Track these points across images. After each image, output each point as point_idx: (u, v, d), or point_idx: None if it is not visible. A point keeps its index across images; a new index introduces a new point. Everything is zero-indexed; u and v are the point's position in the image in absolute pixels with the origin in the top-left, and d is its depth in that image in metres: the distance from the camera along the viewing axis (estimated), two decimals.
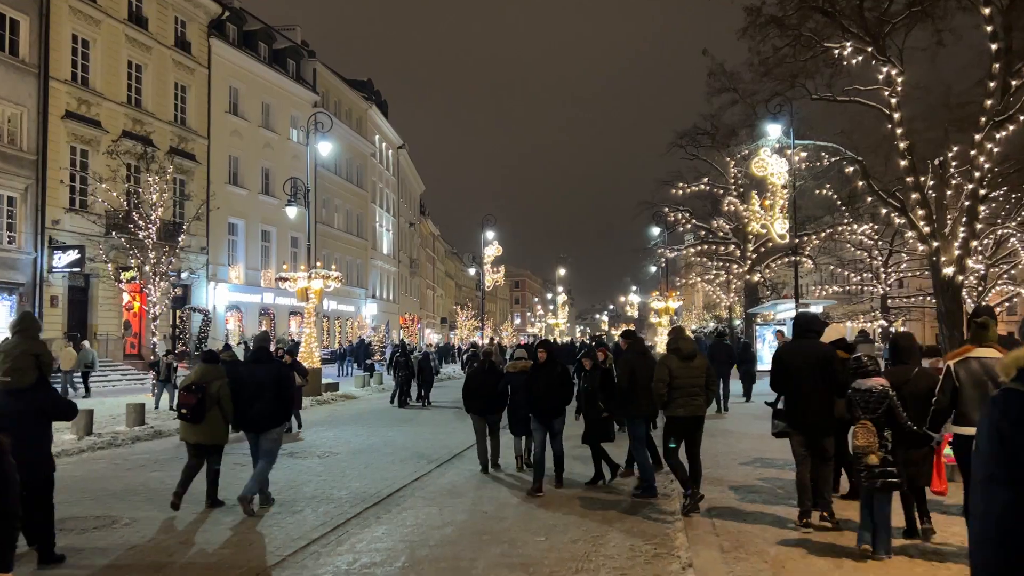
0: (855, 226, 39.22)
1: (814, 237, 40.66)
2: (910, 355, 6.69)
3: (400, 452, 12.61)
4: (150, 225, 26.07)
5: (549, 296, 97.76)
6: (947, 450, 6.65)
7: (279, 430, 8.31)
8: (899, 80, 20.00)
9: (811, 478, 7.00)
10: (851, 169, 21.47)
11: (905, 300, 50.81)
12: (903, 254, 46.57)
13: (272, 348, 12.06)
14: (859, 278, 48.37)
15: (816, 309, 22.18)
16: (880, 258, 45.35)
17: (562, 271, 69.60)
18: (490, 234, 41.24)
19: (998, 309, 40.39)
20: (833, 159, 21.33)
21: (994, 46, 19.14)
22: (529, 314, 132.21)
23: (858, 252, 47.31)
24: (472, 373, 11.47)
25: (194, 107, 36.13)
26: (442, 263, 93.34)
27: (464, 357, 29.34)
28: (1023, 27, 19.63)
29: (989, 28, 19.15)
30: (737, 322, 46.99)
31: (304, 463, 11.26)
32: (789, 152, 21.05)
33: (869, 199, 21.84)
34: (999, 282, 37.00)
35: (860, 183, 21.41)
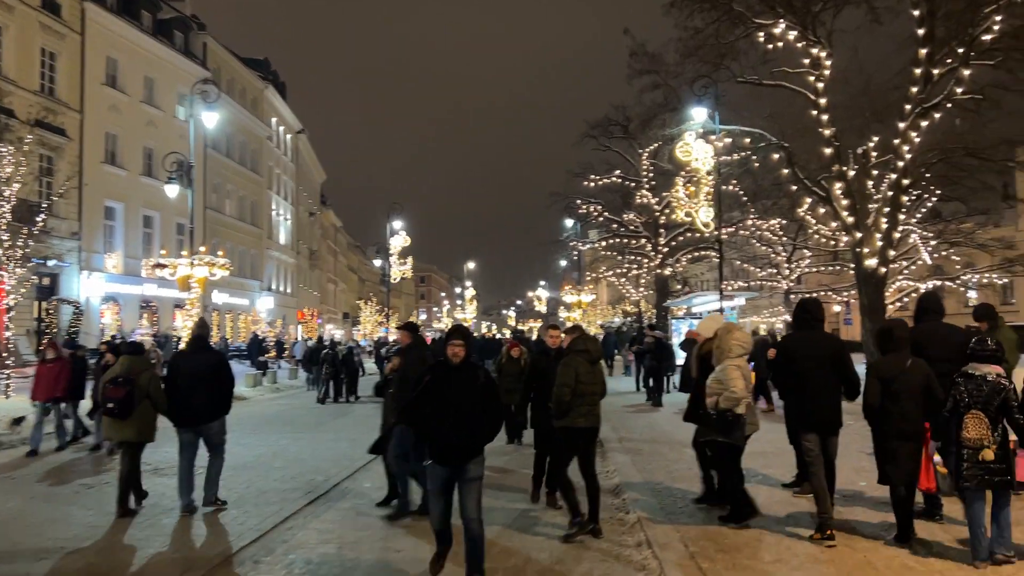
0: (762, 222, 39.42)
1: (728, 230, 40.78)
2: (903, 344, 6.07)
3: (292, 467, 10.67)
4: (2, 203, 22.72)
5: (456, 291, 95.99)
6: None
7: (220, 422, 8.03)
8: (827, 63, 19.31)
9: (823, 484, 6.31)
10: (777, 156, 20.72)
11: (805, 295, 51.99)
12: (805, 250, 47.59)
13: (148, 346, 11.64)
14: (764, 273, 48.98)
15: (739, 302, 21.37)
16: (784, 253, 46.08)
17: (471, 265, 68.02)
18: (397, 223, 39.15)
19: (896, 305, 41.61)
20: (760, 145, 20.51)
21: (920, 31, 18.66)
22: (436, 309, 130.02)
23: (763, 247, 47.97)
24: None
25: (65, 77, 32.51)
26: (344, 256, 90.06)
27: (384, 351, 27.34)
28: (946, 15, 19.23)
29: (916, 12, 18.67)
30: (646, 317, 46.55)
31: (166, 482, 9.10)
32: (713, 138, 20.06)
33: (794, 187, 21.13)
34: (898, 278, 37.84)
35: (785, 171, 20.68)
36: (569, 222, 40.44)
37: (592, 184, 39.71)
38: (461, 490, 5.35)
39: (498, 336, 46.81)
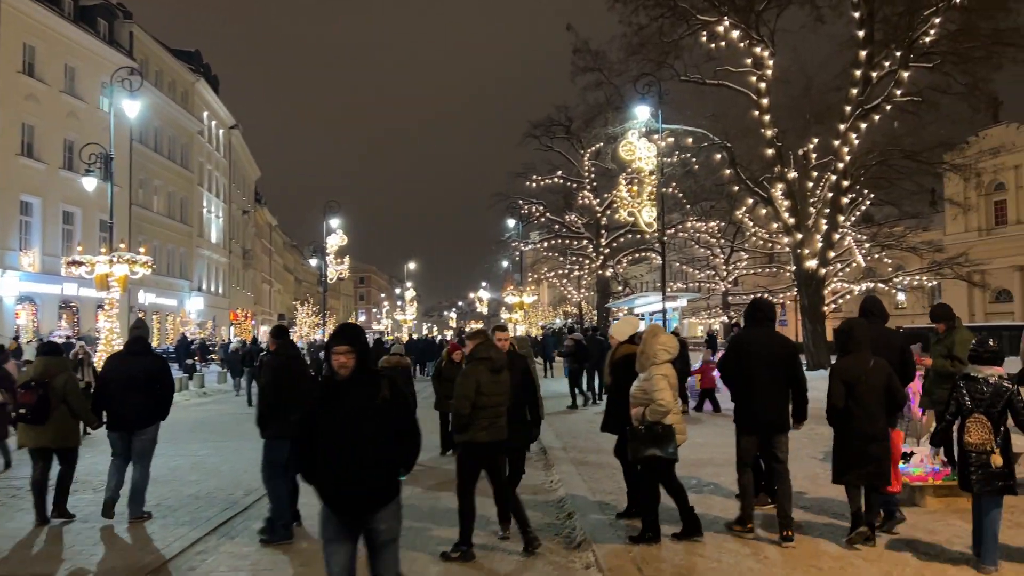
0: (702, 224, 39.73)
1: (668, 232, 41.02)
2: (864, 345, 5.94)
3: (210, 480, 9.83)
4: None
5: (396, 292, 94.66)
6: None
7: (154, 429, 7.66)
8: (769, 63, 19.26)
9: (780, 493, 6.17)
10: (719, 156, 20.59)
11: (744, 297, 52.80)
12: (743, 252, 48.26)
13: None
14: (703, 275, 49.46)
15: (680, 303, 21.20)
16: (722, 256, 46.58)
17: (411, 265, 66.87)
18: (334, 222, 38.05)
19: (832, 306, 42.42)
20: (703, 144, 20.35)
21: (860, 33, 18.76)
22: (375, 311, 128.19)
23: (702, 250, 48.46)
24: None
25: None
26: (280, 256, 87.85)
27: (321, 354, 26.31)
28: (884, 18, 19.39)
29: (856, 14, 18.75)
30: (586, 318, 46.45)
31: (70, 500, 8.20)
32: (657, 137, 19.81)
33: (736, 188, 21.06)
34: (833, 280, 38.52)
35: (727, 171, 20.56)
36: (511, 222, 39.99)
37: (534, 185, 39.45)
38: (369, 551, 3.99)
39: (439, 338, 46.08)
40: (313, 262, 45.24)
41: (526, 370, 6.82)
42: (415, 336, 50.18)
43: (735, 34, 19.36)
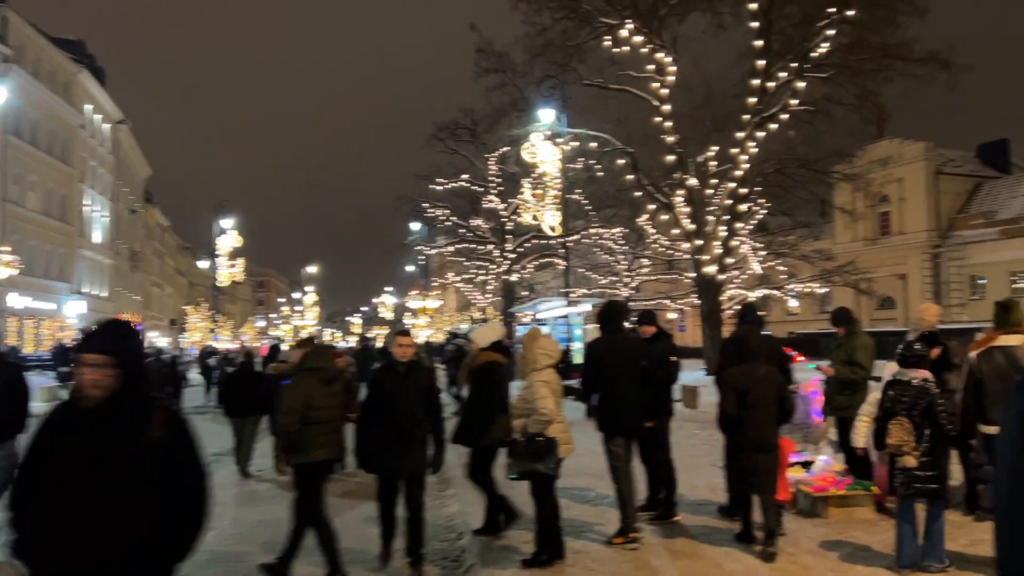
0: (605, 230, 40.04)
1: (573, 237, 41.10)
2: (757, 354, 5.94)
3: None
4: None
5: (297, 296, 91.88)
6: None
7: (10, 445, 6.69)
8: (671, 69, 19.35)
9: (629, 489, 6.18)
10: (622, 162, 20.56)
11: (644, 303, 53.73)
12: (644, 259, 49.11)
13: None
14: (606, 281, 50.01)
15: (584, 308, 21.08)
16: (624, 262, 47.24)
17: (311, 269, 64.77)
18: (227, 222, 36.28)
19: (728, 312, 43.55)
20: (605, 149, 20.27)
21: (758, 43, 19.07)
22: (274, 316, 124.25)
23: (605, 256, 48.97)
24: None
25: None
26: (172, 258, 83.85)
27: (213, 361, 24.69)
28: (780, 30, 19.81)
29: (755, 24, 19.07)
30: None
31: None
32: (560, 141, 19.61)
33: (638, 193, 21.08)
34: (729, 286, 39.51)
35: (630, 176, 20.56)
36: (416, 226, 39.20)
37: (440, 188, 38.77)
38: None
39: (338, 344, 44.70)
40: (204, 264, 43.13)
41: (430, 386, 5.91)
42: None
43: (638, 39, 19.36)
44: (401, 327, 6.34)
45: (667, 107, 19.84)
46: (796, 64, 18.83)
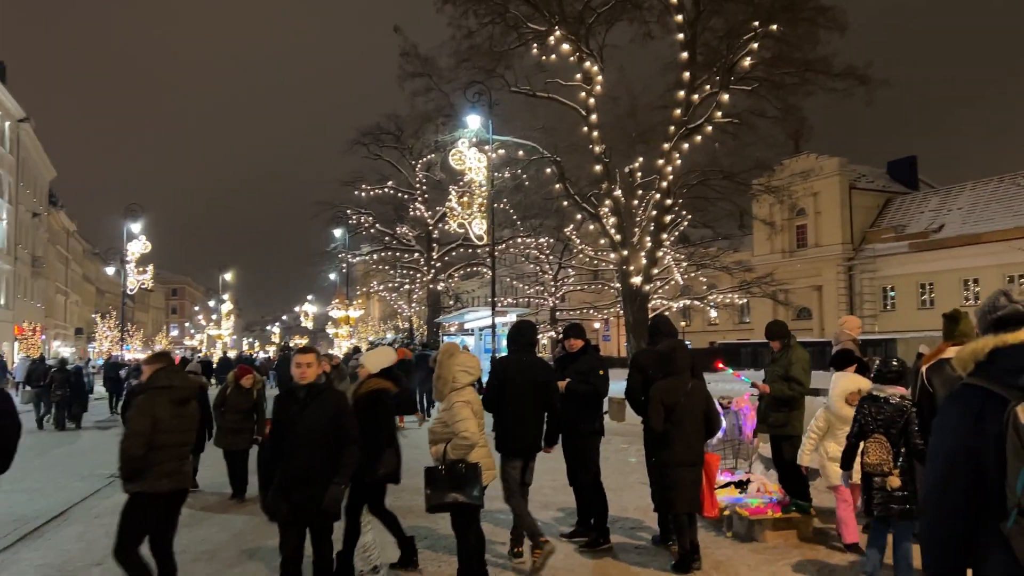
0: (531, 240, 39.95)
1: (499, 247, 40.84)
2: (682, 367, 5.83)
3: None
4: None
5: (213, 304, 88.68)
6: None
7: None
8: (599, 79, 19.22)
9: (514, 509, 5.96)
10: (549, 171, 20.32)
11: (570, 313, 53.96)
12: (570, 269, 49.26)
13: None
14: (532, 290, 49.92)
15: (510, 318, 20.70)
16: (550, 272, 47.24)
17: (228, 276, 62.41)
18: (136, 226, 34.50)
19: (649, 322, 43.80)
20: (533, 157, 19.98)
21: (684, 55, 19.13)
22: (188, 324, 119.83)
23: (531, 265, 48.89)
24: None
25: None
26: (80, 264, 79.81)
27: (123, 373, 23.25)
28: (706, 42, 19.95)
29: (680, 36, 19.12)
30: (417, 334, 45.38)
31: None
32: (487, 148, 19.22)
33: (565, 203, 20.87)
34: (653, 297, 39.86)
35: (557, 186, 20.32)
36: (339, 232, 38.17)
37: (363, 194, 37.93)
38: None
39: (256, 355, 43.11)
40: (111, 270, 41.01)
41: (337, 414, 4.92)
42: (240, 352, 46.83)
43: (565, 47, 19.18)
44: (306, 345, 5.12)
45: (594, 117, 19.70)
46: (720, 77, 18.96)
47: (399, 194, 38.92)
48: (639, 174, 21.67)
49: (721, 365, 10.77)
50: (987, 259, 40.55)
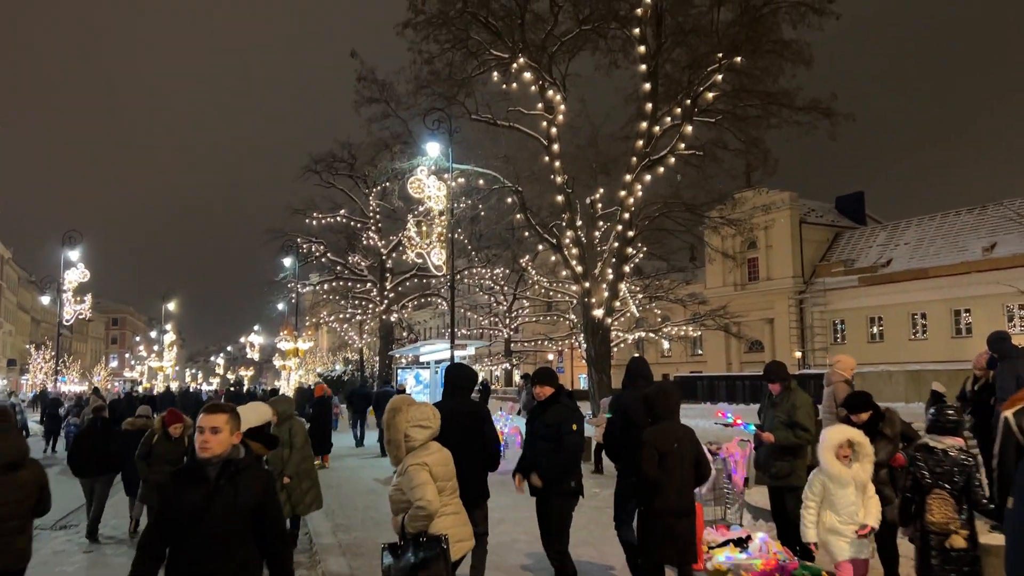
0: (486, 271, 39.48)
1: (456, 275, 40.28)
2: (675, 411, 5.51)
3: None
4: None
5: (155, 335, 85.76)
6: None
7: None
8: (562, 107, 18.90)
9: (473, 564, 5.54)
10: (510, 200, 19.84)
11: (524, 344, 53.48)
12: (524, 300, 48.85)
13: None
14: (487, 322, 49.33)
15: (469, 351, 20.02)
16: (505, 303, 46.73)
17: (170, 305, 60.31)
18: (74, 254, 32.92)
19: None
20: (494, 187, 19.49)
21: (647, 86, 18.95)
22: (128, 356, 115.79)
23: (486, 296, 48.37)
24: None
25: None
26: (14, 293, 76.55)
27: (64, 411, 21.45)
28: (667, 74, 19.84)
29: (643, 67, 18.94)
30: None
31: None
32: (447, 176, 18.69)
33: (527, 233, 20.41)
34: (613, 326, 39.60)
35: (518, 215, 19.85)
36: (288, 261, 37.07)
37: (315, 223, 37.01)
38: None
39: (202, 389, 41.39)
40: (47, 299, 39.14)
41: (266, 501, 3.55)
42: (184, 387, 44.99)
43: (528, 75, 18.85)
44: (212, 403, 4.03)
45: (556, 146, 19.35)
46: (683, 109, 18.82)
47: (352, 223, 38.11)
48: (600, 205, 21.37)
49: (739, 422, 10.08)
50: (934, 293, 41.36)
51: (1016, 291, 37.38)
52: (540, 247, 21.18)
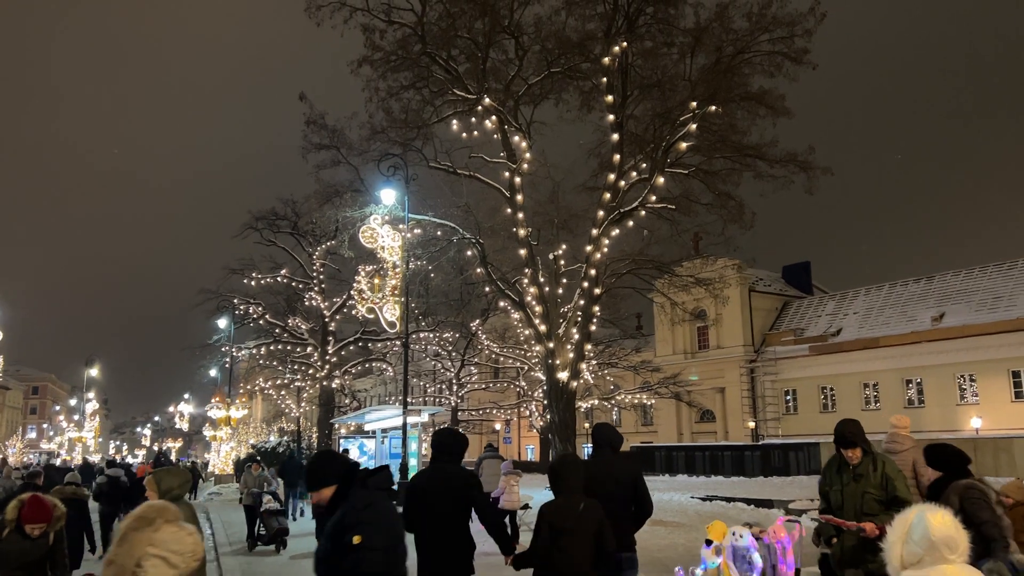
0: (434, 335, 37.94)
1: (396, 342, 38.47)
2: (576, 487, 5.12)
3: None
4: None
5: (75, 403, 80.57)
6: None
7: None
8: (526, 155, 17.82)
9: None
10: (470, 252, 18.48)
11: (472, 413, 51.54)
12: (472, 367, 47.18)
13: None
14: (433, 388, 47.42)
15: (423, 418, 18.29)
16: (453, 369, 44.95)
17: (93, 371, 56.28)
18: None
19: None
20: (454, 238, 18.12)
21: (615, 136, 18.06)
22: (47, 426, 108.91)
23: (433, 361, 46.51)
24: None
25: None
26: None
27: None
28: (633, 127, 19.04)
29: (612, 117, 18.09)
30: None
31: None
32: (402, 227, 17.28)
33: (487, 289, 19.02)
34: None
35: (479, 270, 18.47)
36: (223, 323, 34.80)
37: (253, 283, 35.00)
38: None
39: (129, 462, 37.86)
40: None
41: None
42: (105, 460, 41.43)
43: (490, 123, 17.80)
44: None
45: (519, 197, 18.19)
46: (652, 161, 17.94)
47: (293, 283, 36.22)
48: (563, 262, 20.20)
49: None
50: (885, 363, 41.22)
51: (965, 361, 37.56)
52: (500, 304, 19.77)
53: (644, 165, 17.31)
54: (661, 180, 17.03)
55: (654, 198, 17.28)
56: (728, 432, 48.71)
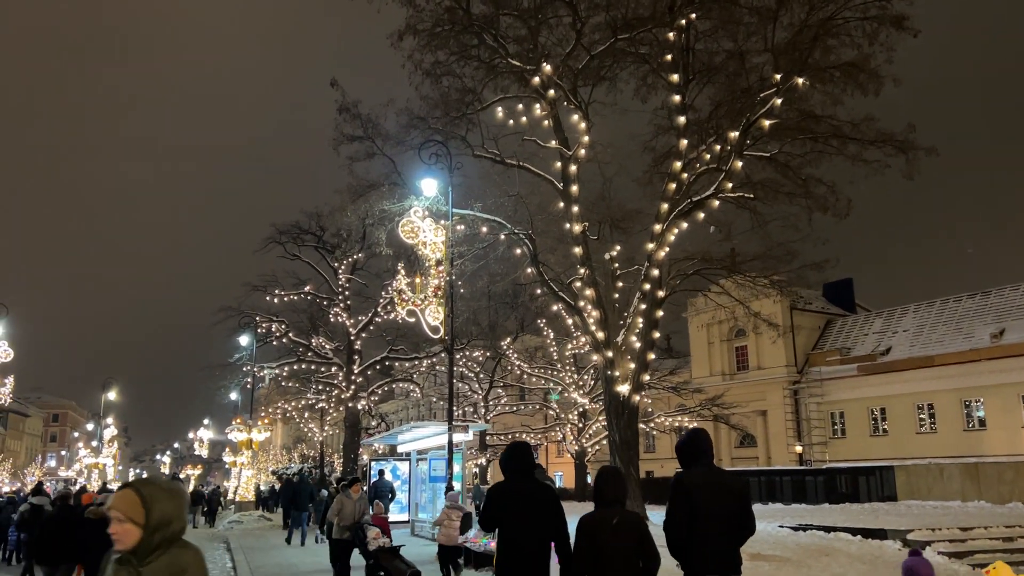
0: (463, 355, 36.09)
1: (427, 362, 36.62)
2: (616, 497, 4.99)
3: None
4: None
5: (95, 428, 78.96)
6: None
7: None
8: (584, 138, 15.96)
9: None
10: (519, 251, 16.57)
11: (500, 438, 49.41)
12: (500, 389, 45.15)
13: None
14: (460, 412, 45.34)
15: (467, 437, 16.28)
16: (480, 391, 42.94)
17: (111, 395, 54.47)
18: None
19: (595, 448, 39.75)
20: (501, 234, 16.25)
21: (681, 119, 16.16)
22: (66, 453, 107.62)
23: (462, 384, 44.56)
24: None
25: None
26: None
27: None
28: (695, 115, 17.13)
29: (677, 98, 16.20)
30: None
31: None
32: (444, 222, 15.42)
33: (539, 291, 17.08)
34: (600, 418, 35.94)
35: (529, 269, 16.55)
36: (245, 340, 33.12)
37: (276, 300, 33.41)
38: None
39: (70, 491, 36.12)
40: None
41: None
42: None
43: (538, 110, 16.01)
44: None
45: (574, 188, 16.30)
46: (720, 147, 16.00)
47: (318, 299, 34.58)
48: (616, 264, 18.26)
49: None
50: (941, 383, 38.67)
51: None
52: (553, 308, 17.80)
53: (717, 148, 15.40)
54: (739, 164, 15.07)
55: (730, 185, 15.31)
56: (770, 457, 46.13)
